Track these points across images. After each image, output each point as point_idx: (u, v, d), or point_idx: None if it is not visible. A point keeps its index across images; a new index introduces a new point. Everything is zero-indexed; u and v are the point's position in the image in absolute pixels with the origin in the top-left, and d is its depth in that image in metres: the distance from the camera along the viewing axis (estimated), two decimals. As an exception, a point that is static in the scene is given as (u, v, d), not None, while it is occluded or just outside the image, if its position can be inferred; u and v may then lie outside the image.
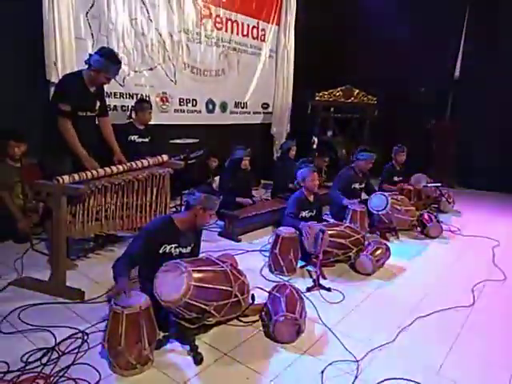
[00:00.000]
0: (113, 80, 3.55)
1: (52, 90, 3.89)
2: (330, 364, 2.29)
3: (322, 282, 3.22)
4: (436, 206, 5.63)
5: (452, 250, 4.22)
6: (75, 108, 3.18)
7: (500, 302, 3.10)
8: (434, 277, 3.53)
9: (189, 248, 2.64)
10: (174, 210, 4.82)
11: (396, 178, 5.45)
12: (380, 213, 4.31)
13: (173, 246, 2.53)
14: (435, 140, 7.24)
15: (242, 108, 6.67)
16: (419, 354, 2.44)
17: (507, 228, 5.01)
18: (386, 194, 4.37)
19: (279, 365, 2.27)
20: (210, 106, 6.06)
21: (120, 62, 3.27)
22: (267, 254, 3.64)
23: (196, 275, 2.21)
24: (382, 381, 2.19)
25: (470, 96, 6.99)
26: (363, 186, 4.73)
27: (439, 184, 5.39)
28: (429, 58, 7.03)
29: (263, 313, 2.64)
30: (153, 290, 2.20)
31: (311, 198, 3.94)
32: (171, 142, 4.97)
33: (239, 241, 4.17)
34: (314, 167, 3.93)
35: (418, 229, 4.71)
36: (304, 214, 3.86)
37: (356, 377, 2.21)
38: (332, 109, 7.18)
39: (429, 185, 5.38)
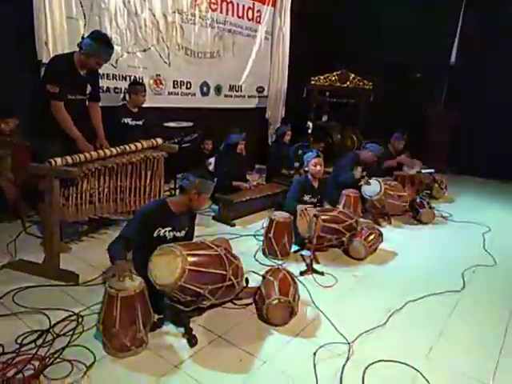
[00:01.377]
0: (105, 61, 3.46)
1: (43, 70, 3.79)
2: (322, 346, 2.33)
3: (315, 266, 3.25)
4: (429, 191, 5.67)
5: (443, 236, 4.26)
6: (63, 90, 3.10)
7: (489, 287, 3.15)
8: (425, 262, 3.58)
9: (183, 232, 2.64)
10: (168, 193, 4.80)
11: (392, 160, 5.46)
12: (373, 198, 4.32)
13: (167, 229, 2.53)
14: (431, 126, 7.23)
15: (237, 91, 6.58)
16: (409, 337, 2.48)
17: (498, 214, 5.07)
18: (379, 179, 4.38)
19: (272, 347, 2.31)
20: (205, 89, 5.97)
21: (112, 48, 3.19)
22: (261, 238, 3.65)
23: (191, 259, 2.21)
24: (373, 362, 2.23)
25: (466, 82, 6.97)
26: (364, 173, 4.67)
27: (432, 170, 5.41)
28: (426, 43, 6.97)
29: (257, 296, 2.66)
30: (147, 273, 2.20)
31: (316, 184, 3.92)
32: (165, 125, 4.91)
33: (233, 225, 4.18)
34: (319, 152, 3.88)
35: (411, 214, 4.75)
36: (306, 198, 3.85)
37: (348, 358, 2.25)
38: (327, 93, 7.12)
39: (422, 171, 5.39)
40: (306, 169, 3.87)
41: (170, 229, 2.54)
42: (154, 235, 2.49)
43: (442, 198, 5.62)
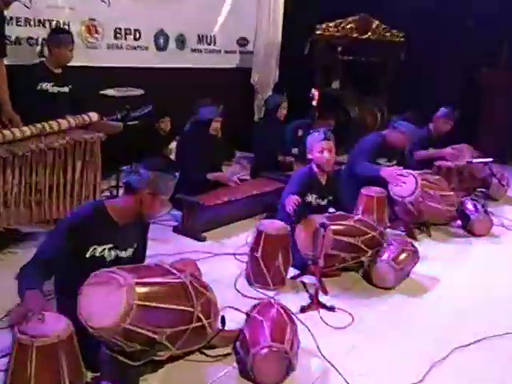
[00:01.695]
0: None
1: None
2: (333, 414, 2.35)
3: (322, 298, 3.26)
4: (484, 190, 5.77)
5: (504, 254, 4.34)
6: None
7: None
8: (478, 291, 3.64)
9: (130, 250, 2.63)
10: (108, 194, 4.76)
11: (431, 150, 5.53)
12: (406, 200, 4.38)
13: (106, 247, 2.52)
14: (485, 97, 7.36)
15: (209, 44, 6.59)
16: (457, 398, 2.53)
17: None
18: (414, 173, 4.43)
19: (261, 416, 2.32)
20: (161, 41, 5.95)
21: None
22: (245, 258, 3.65)
23: (140, 290, 2.20)
24: None
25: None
26: (392, 164, 4.72)
27: (489, 159, 5.51)
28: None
29: (238, 343, 2.66)
30: (77, 312, 2.18)
31: (323, 179, 3.93)
32: (103, 93, 4.88)
33: (204, 240, 4.18)
34: (329, 133, 3.87)
35: (459, 223, 4.83)
36: (310, 198, 3.85)
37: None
38: (340, 48, 7.19)
39: (474, 160, 5.49)
40: (310, 157, 3.88)
41: (110, 246, 2.53)
42: (87, 256, 2.48)
43: (502, 199, 5.72)
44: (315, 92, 6.34)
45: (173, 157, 5.21)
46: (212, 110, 4.70)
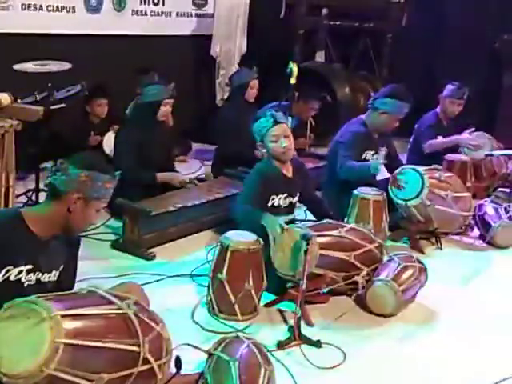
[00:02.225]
0: None
1: None
2: None
3: (305, 330, 3.26)
4: (507, 190, 5.87)
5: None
6: None
7: None
8: (502, 318, 3.69)
9: (54, 273, 2.60)
10: (25, 200, 4.70)
11: (442, 138, 5.62)
12: (410, 203, 4.43)
13: (24, 268, 2.48)
14: (508, 70, 7.49)
15: (156, 5, 6.58)
16: None
17: None
18: (419, 169, 4.50)
19: None
20: (93, 0, 5.91)
21: None
22: (205, 282, 3.65)
23: (69, 325, 2.17)
24: None
25: None
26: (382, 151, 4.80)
27: (513, 151, 5.64)
28: None
29: (198, 391, 2.66)
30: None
31: (288, 172, 3.98)
32: (17, 68, 4.80)
33: (152, 258, 4.17)
34: (285, 112, 3.93)
35: (476, 231, 4.92)
36: (276, 200, 3.90)
37: None
38: (325, 11, 7.27)
39: (495, 153, 5.59)
40: (263, 150, 3.95)
41: (28, 268, 2.49)
42: (0, 279, 2.44)
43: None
44: (293, 66, 6.38)
45: (109, 151, 5.16)
46: (160, 89, 4.69)
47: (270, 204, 3.90)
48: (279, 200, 3.93)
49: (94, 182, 2.50)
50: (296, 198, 4.07)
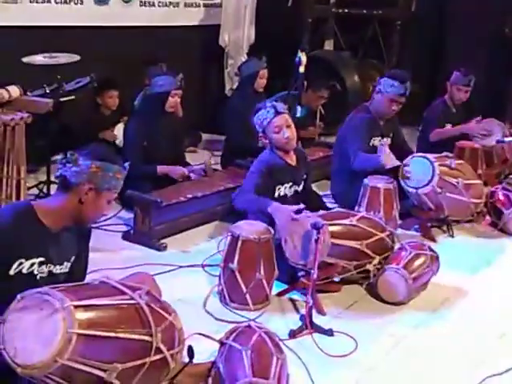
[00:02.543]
0: None
1: None
2: None
3: (317, 319, 3.28)
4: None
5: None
6: None
7: None
8: (513, 305, 3.71)
9: (66, 264, 2.62)
10: (37, 193, 4.72)
11: (450, 127, 5.60)
12: (421, 191, 4.42)
13: (36, 261, 2.49)
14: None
15: (164, -4, 6.56)
16: None
17: None
18: (430, 156, 4.48)
19: None
20: (101, -8, 5.92)
21: None
22: (217, 271, 3.66)
23: (82, 315, 2.18)
24: None
25: None
26: (388, 140, 4.83)
27: (526, 137, 5.61)
28: None
29: (210, 380, 2.66)
30: (-1, 346, 2.16)
31: (292, 160, 3.99)
32: (26, 61, 4.82)
33: (163, 249, 4.18)
34: (287, 98, 3.94)
35: (488, 219, 4.91)
36: (282, 189, 3.91)
37: None
38: (333, -1, 7.23)
39: (506, 139, 5.57)
40: (265, 140, 3.97)
41: (41, 260, 2.50)
42: (12, 273, 2.45)
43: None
44: (302, 56, 6.36)
45: (119, 142, 5.17)
46: (169, 80, 4.68)
47: (276, 194, 3.89)
48: (285, 189, 3.93)
49: (104, 172, 2.51)
50: (301, 187, 4.07)
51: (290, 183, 3.96)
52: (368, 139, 4.66)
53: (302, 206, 3.65)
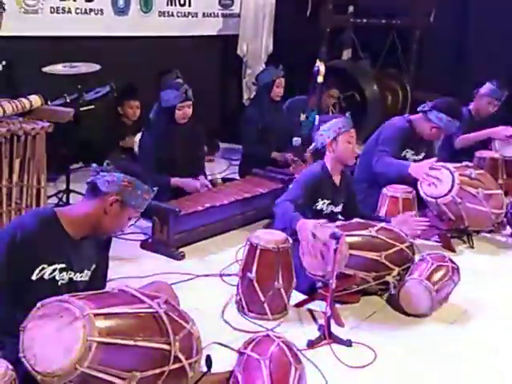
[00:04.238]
0: None
1: None
2: None
3: (335, 330, 3.27)
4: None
5: None
6: None
7: None
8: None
9: (86, 272, 2.63)
10: (56, 202, 4.75)
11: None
12: (440, 201, 4.40)
13: (57, 267, 2.51)
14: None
15: (183, 6, 6.60)
16: None
17: None
18: (450, 166, 4.46)
19: None
20: (121, 2, 5.96)
21: None
22: (235, 281, 3.66)
23: (101, 323, 2.19)
24: None
25: None
26: (419, 158, 4.79)
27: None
28: None
29: (229, 389, 2.67)
30: (19, 352, 2.17)
31: (337, 180, 3.98)
32: (46, 70, 4.87)
33: (181, 258, 4.19)
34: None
35: (509, 230, 4.87)
36: (320, 204, 3.90)
37: None
38: (352, 9, 7.23)
39: (528, 149, 5.53)
40: (330, 150, 3.91)
41: (62, 266, 2.52)
42: (34, 278, 2.46)
43: None
44: (321, 65, 6.37)
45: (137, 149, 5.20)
46: (173, 94, 4.61)
47: (314, 207, 3.89)
48: (322, 205, 3.91)
49: (135, 189, 2.55)
50: (339, 208, 4.03)
51: (329, 201, 3.94)
52: (401, 149, 4.63)
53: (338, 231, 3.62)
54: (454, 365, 3.12)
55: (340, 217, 4.09)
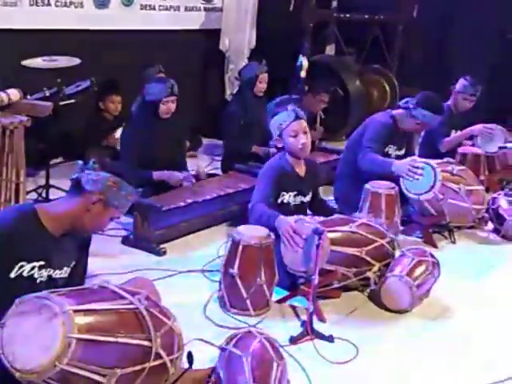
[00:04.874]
0: None
1: None
2: None
3: (317, 325, 3.28)
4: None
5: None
6: None
7: None
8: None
9: (66, 269, 2.63)
10: (36, 197, 4.72)
11: (454, 133, 5.63)
12: (422, 197, 4.43)
13: (36, 264, 2.50)
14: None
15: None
16: None
17: None
18: (432, 162, 4.49)
19: None
20: (102, -5, 5.94)
21: None
22: (217, 277, 3.67)
23: (81, 320, 2.18)
24: None
25: None
26: (401, 153, 4.83)
27: (528, 144, 5.61)
28: None
29: (210, 386, 2.67)
30: (-3, 351, 2.16)
31: (301, 170, 3.99)
32: (25, 64, 4.83)
33: (163, 253, 4.19)
34: (301, 108, 3.93)
35: (490, 225, 4.92)
36: (286, 197, 3.91)
37: None
38: (335, 3, 7.24)
39: (508, 145, 5.57)
40: (278, 144, 3.94)
41: (41, 264, 2.52)
42: (12, 276, 2.46)
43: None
44: (303, 60, 6.39)
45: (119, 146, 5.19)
46: (159, 87, 4.59)
47: (279, 201, 3.89)
48: (289, 197, 3.92)
49: (119, 189, 2.57)
50: (308, 198, 4.05)
51: (295, 192, 3.95)
52: (384, 145, 4.65)
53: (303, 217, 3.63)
54: (436, 359, 3.15)
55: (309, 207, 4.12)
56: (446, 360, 3.15)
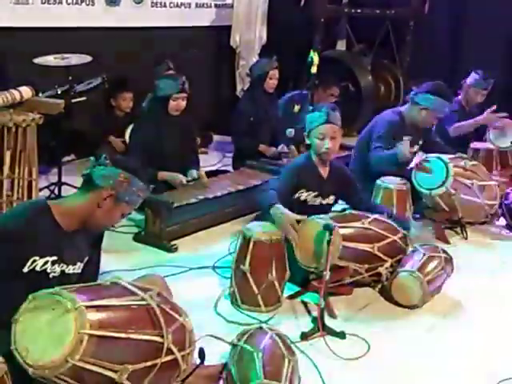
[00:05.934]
0: None
1: None
2: None
3: (329, 322, 3.28)
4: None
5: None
6: None
7: None
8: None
9: (79, 265, 2.63)
10: (48, 194, 4.74)
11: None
12: (434, 193, 4.41)
13: (49, 259, 2.51)
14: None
15: (175, -3, 6.59)
16: None
17: None
18: (444, 157, 4.47)
19: None
20: (113, -7, 5.95)
21: None
22: (228, 273, 3.67)
23: (93, 316, 2.19)
24: None
25: None
26: (414, 150, 4.75)
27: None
28: None
29: (221, 381, 2.67)
30: (10, 345, 2.17)
31: (325, 172, 3.96)
32: (37, 62, 4.85)
33: (174, 250, 4.20)
34: (335, 111, 3.87)
35: (503, 221, 4.89)
36: (305, 195, 3.89)
37: None
38: (345, -1, 7.22)
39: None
40: (308, 142, 3.91)
41: (54, 259, 2.52)
42: (25, 270, 2.46)
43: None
44: (315, 56, 6.36)
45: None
46: (169, 83, 4.59)
47: (296, 195, 3.87)
48: (307, 196, 3.90)
49: (130, 185, 2.56)
50: (328, 201, 4.01)
51: (316, 193, 3.92)
52: (392, 143, 4.61)
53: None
54: (446, 355, 3.14)
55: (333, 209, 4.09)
56: (457, 356, 3.14)
